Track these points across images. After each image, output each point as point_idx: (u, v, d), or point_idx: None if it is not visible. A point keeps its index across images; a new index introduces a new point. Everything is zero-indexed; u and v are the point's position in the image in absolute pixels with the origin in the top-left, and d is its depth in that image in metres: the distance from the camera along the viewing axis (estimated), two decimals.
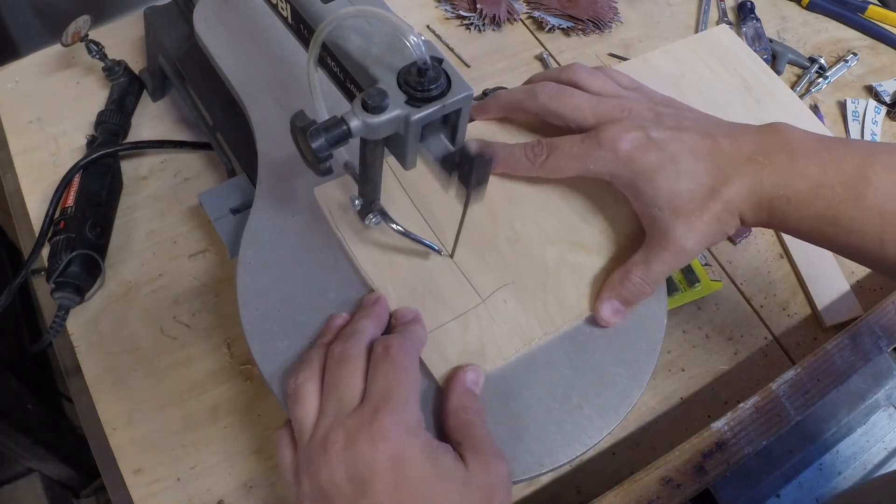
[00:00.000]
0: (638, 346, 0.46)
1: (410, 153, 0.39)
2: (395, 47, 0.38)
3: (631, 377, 0.45)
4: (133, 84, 0.71)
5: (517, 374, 0.45)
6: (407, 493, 0.36)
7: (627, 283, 0.46)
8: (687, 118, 0.47)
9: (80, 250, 0.58)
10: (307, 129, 0.36)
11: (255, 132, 0.53)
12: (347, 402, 0.39)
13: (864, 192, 0.41)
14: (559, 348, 0.46)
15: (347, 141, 0.37)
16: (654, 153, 0.44)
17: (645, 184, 0.44)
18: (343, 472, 0.37)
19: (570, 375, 0.45)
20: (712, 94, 0.59)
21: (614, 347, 0.46)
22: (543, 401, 0.44)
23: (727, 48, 0.64)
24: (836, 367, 0.56)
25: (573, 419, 0.44)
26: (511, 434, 0.43)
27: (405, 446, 0.37)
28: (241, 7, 0.59)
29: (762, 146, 0.44)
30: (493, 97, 0.53)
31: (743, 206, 0.44)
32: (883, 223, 0.41)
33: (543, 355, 0.45)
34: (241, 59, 0.56)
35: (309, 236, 0.49)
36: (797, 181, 0.43)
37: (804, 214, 0.43)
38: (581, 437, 0.43)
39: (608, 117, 0.46)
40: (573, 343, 0.46)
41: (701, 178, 0.43)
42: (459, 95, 0.37)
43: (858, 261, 0.44)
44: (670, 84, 0.55)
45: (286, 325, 0.45)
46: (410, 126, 0.37)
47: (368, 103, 0.36)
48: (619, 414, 0.44)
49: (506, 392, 0.44)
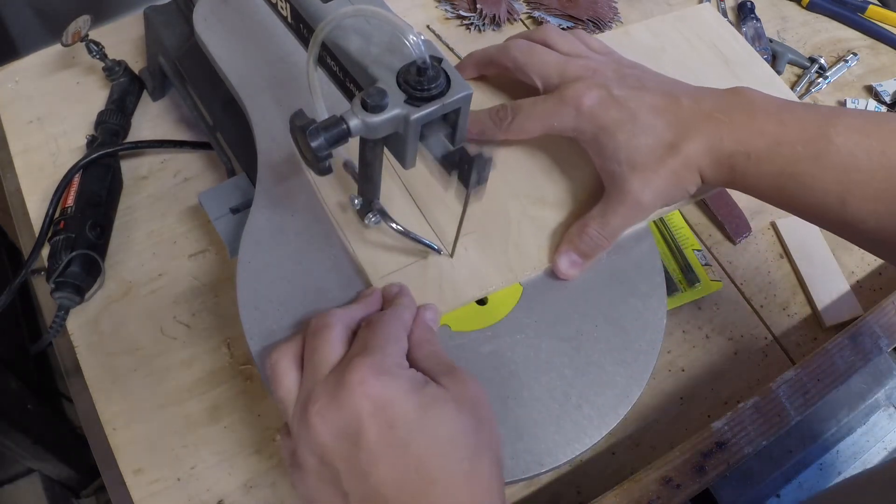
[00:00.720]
0: (637, 345, 0.46)
1: (410, 152, 0.39)
2: (395, 47, 0.38)
3: (630, 377, 0.45)
4: (133, 84, 0.71)
5: (517, 373, 0.45)
6: (402, 430, 0.35)
7: (584, 235, 0.47)
8: (650, 80, 0.48)
9: (80, 250, 0.58)
10: (306, 129, 0.36)
11: (255, 132, 0.53)
12: (325, 366, 0.38)
13: (825, 150, 0.41)
14: (559, 348, 0.46)
15: (347, 140, 0.37)
16: (615, 110, 0.45)
17: (606, 139, 0.45)
18: (330, 430, 0.35)
19: (569, 375, 0.45)
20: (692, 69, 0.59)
21: (614, 347, 0.46)
22: (543, 400, 0.44)
23: (709, 25, 0.64)
24: (836, 367, 0.56)
25: (573, 419, 0.44)
26: (511, 433, 0.43)
27: (385, 386, 0.36)
28: (241, 6, 0.59)
29: (723, 105, 0.45)
30: (469, 56, 0.54)
31: (703, 163, 0.44)
32: (845, 181, 0.41)
33: (543, 354, 0.46)
34: (240, 58, 0.56)
35: (308, 235, 0.49)
36: (756, 138, 0.43)
37: (763, 171, 0.43)
38: (581, 437, 0.43)
39: (573, 76, 0.47)
40: (573, 343, 0.46)
41: (660, 133, 0.44)
42: (459, 95, 0.37)
43: (818, 222, 0.45)
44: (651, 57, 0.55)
45: (286, 326, 0.45)
46: (410, 125, 0.37)
47: (368, 102, 0.36)
48: (619, 413, 0.44)
49: (505, 392, 0.44)
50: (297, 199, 0.50)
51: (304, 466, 0.37)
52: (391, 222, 0.45)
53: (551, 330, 0.47)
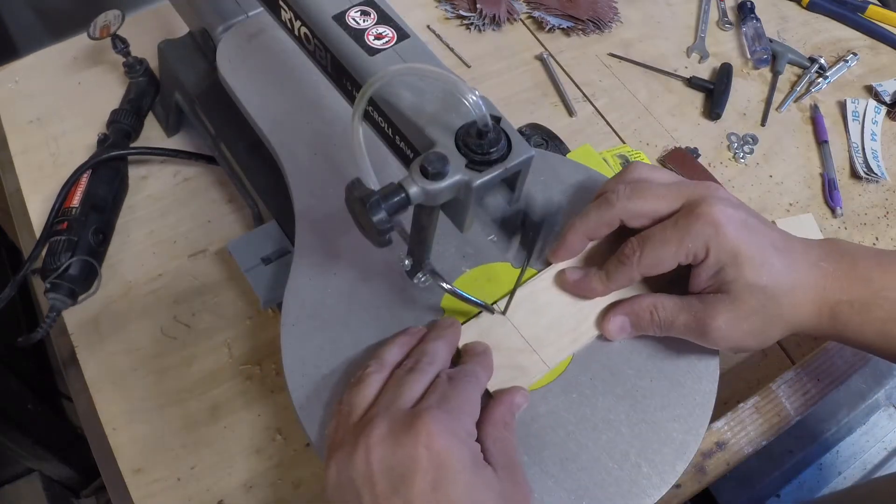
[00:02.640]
0: (693, 398, 0.45)
1: (468, 217, 0.37)
2: (450, 105, 0.36)
3: (686, 431, 0.44)
4: (151, 85, 0.70)
5: (574, 434, 0.44)
6: (444, 495, 0.35)
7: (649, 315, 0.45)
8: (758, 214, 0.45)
9: (81, 256, 0.58)
10: (366, 201, 0.34)
11: (291, 184, 0.51)
12: (402, 402, 0.38)
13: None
14: (615, 405, 0.45)
15: (406, 209, 0.35)
16: (747, 233, 0.42)
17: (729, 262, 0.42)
18: (379, 461, 0.35)
19: (626, 433, 0.44)
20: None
21: (670, 402, 0.45)
22: (601, 461, 0.43)
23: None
24: (836, 367, 0.56)
25: (631, 478, 0.43)
26: (570, 497, 0.42)
27: (451, 449, 0.35)
28: (268, 45, 0.56)
29: (825, 253, 0.44)
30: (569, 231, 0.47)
31: (804, 313, 0.43)
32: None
33: (600, 413, 0.44)
34: (270, 103, 0.54)
35: (354, 295, 0.47)
36: (861, 286, 0.42)
37: (869, 318, 0.42)
38: (641, 497, 0.42)
39: (698, 196, 0.43)
40: (628, 399, 0.45)
41: (777, 275, 0.42)
42: (521, 158, 0.36)
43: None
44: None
45: (336, 394, 0.44)
46: (472, 192, 0.35)
47: (429, 170, 0.34)
48: (677, 471, 0.43)
49: (564, 454, 0.43)
50: (340, 258, 0.48)
51: (330, 474, 0.38)
52: (442, 282, 0.43)
53: (606, 387, 0.45)
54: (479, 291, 0.48)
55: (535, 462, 0.42)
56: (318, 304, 0.47)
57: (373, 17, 0.40)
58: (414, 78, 0.37)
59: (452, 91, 0.35)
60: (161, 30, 0.75)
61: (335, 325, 0.46)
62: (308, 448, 0.55)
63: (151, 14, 0.77)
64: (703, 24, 0.85)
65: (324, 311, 0.46)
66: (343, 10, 0.40)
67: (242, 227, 0.65)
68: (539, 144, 0.66)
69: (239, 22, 0.57)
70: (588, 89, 0.78)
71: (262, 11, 0.57)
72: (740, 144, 0.75)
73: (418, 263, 0.43)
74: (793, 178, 0.74)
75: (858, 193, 0.73)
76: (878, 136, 0.77)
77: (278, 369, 0.58)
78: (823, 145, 0.76)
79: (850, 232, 0.70)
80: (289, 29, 0.44)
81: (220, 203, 0.67)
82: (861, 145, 0.76)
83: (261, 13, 0.57)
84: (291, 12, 0.42)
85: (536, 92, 0.77)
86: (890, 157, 0.76)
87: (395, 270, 0.48)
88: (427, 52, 0.40)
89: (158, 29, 0.75)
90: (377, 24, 0.39)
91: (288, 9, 0.43)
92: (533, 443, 0.43)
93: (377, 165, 0.38)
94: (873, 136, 0.77)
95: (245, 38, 0.57)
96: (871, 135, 0.77)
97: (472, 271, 0.49)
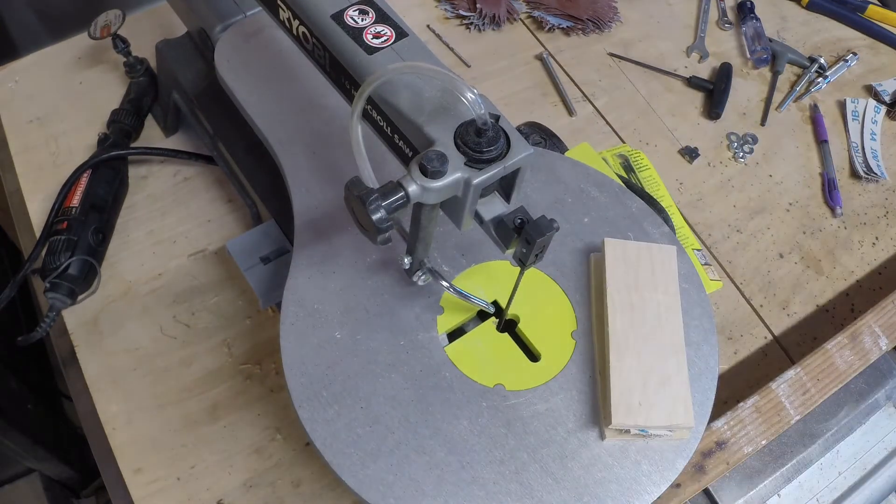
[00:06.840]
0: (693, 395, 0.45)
1: (467, 215, 0.37)
2: (449, 103, 0.36)
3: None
4: (151, 85, 0.70)
5: (574, 432, 0.44)
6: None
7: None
8: None
9: (80, 255, 0.58)
10: (366, 199, 0.34)
11: (290, 183, 0.51)
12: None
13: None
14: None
15: (406, 207, 0.35)
16: None
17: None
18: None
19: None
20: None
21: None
22: (602, 458, 0.43)
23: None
24: (836, 367, 0.56)
25: (632, 475, 0.43)
26: (571, 496, 0.42)
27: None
28: (266, 45, 0.56)
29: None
30: None
31: None
32: None
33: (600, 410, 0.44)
34: (268, 103, 0.54)
35: (353, 293, 0.47)
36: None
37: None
38: (641, 494, 0.42)
39: None
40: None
41: None
42: (520, 156, 0.36)
43: None
44: None
45: (335, 392, 0.44)
46: (471, 189, 0.35)
47: (427, 168, 0.34)
48: (677, 467, 0.43)
49: (564, 451, 0.43)
50: (339, 256, 0.48)
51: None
52: (442, 280, 0.44)
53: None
54: (477, 290, 0.48)
55: (535, 460, 0.42)
56: (317, 303, 0.46)
57: (371, 16, 0.40)
58: (412, 77, 0.37)
59: (451, 89, 0.35)
60: (162, 29, 0.75)
61: (334, 324, 0.46)
62: (308, 448, 0.55)
63: (152, 14, 0.77)
64: (703, 24, 0.85)
65: (323, 310, 0.46)
66: (341, 9, 0.40)
67: (242, 226, 0.65)
68: (537, 143, 0.66)
69: (237, 21, 0.57)
70: (588, 89, 0.78)
71: (260, 11, 0.57)
72: (740, 144, 0.75)
73: (417, 262, 0.43)
74: (792, 177, 0.74)
75: (858, 193, 0.73)
76: (877, 136, 0.77)
77: (278, 368, 0.58)
78: (823, 145, 0.76)
79: (850, 232, 0.70)
80: (287, 28, 0.44)
81: (220, 203, 0.67)
82: (861, 145, 0.76)
83: (259, 12, 0.57)
84: (290, 11, 0.42)
85: (536, 91, 0.77)
86: (890, 157, 0.76)
87: (394, 269, 0.48)
88: (426, 51, 0.40)
89: (159, 29, 0.75)
90: (375, 23, 0.39)
91: (286, 8, 0.43)
92: (533, 441, 0.43)
93: (376, 164, 0.38)
94: (873, 136, 0.77)
95: (243, 38, 0.57)
96: (871, 134, 0.77)
97: (471, 269, 0.49)
